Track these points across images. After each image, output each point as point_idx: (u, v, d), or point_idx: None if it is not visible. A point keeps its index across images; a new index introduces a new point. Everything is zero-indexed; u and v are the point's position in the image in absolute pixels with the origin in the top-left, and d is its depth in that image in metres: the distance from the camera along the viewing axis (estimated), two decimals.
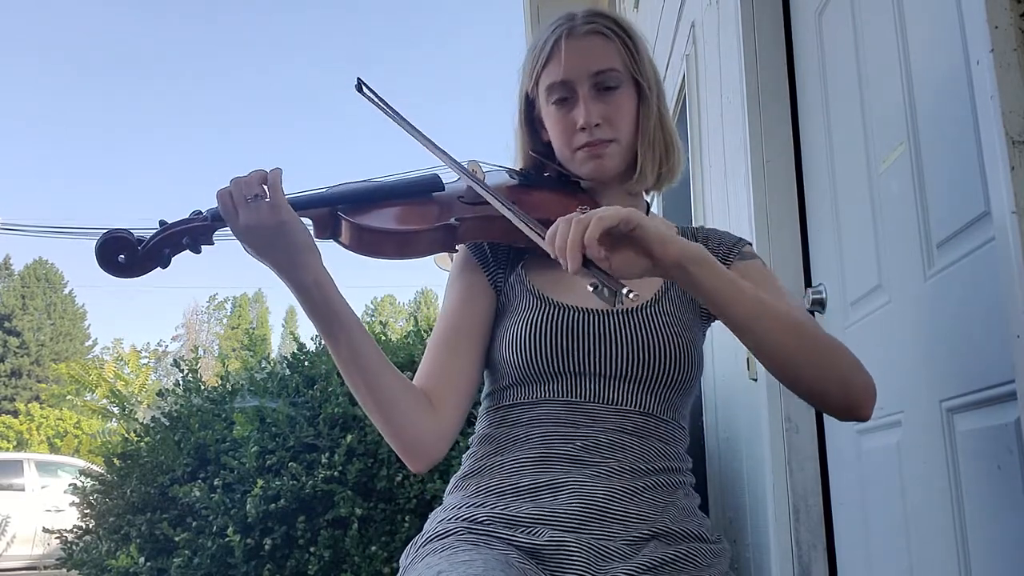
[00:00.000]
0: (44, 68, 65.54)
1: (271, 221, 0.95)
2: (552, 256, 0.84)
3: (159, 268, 0.97)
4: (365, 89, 1.14)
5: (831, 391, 0.98)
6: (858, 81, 1.50)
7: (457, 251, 1.17)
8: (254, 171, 0.98)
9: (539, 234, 0.93)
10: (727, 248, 1.16)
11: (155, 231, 0.97)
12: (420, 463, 1.07)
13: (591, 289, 0.81)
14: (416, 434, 1.06)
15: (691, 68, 2.72)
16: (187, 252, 0.98)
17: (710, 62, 2.41)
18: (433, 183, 1.13)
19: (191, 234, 0.97)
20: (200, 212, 0.99)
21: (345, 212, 1.04)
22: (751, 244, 1.20)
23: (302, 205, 1.03)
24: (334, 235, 1.06)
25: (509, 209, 1.00)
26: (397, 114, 1.14)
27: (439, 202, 1.11)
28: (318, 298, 1.00)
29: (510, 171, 1.21)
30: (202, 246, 0.99)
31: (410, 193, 1.11)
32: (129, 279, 0.96)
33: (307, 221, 1.04)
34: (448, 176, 1.13)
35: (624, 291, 0.78)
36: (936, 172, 1.20)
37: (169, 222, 0.98)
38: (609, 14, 1.16)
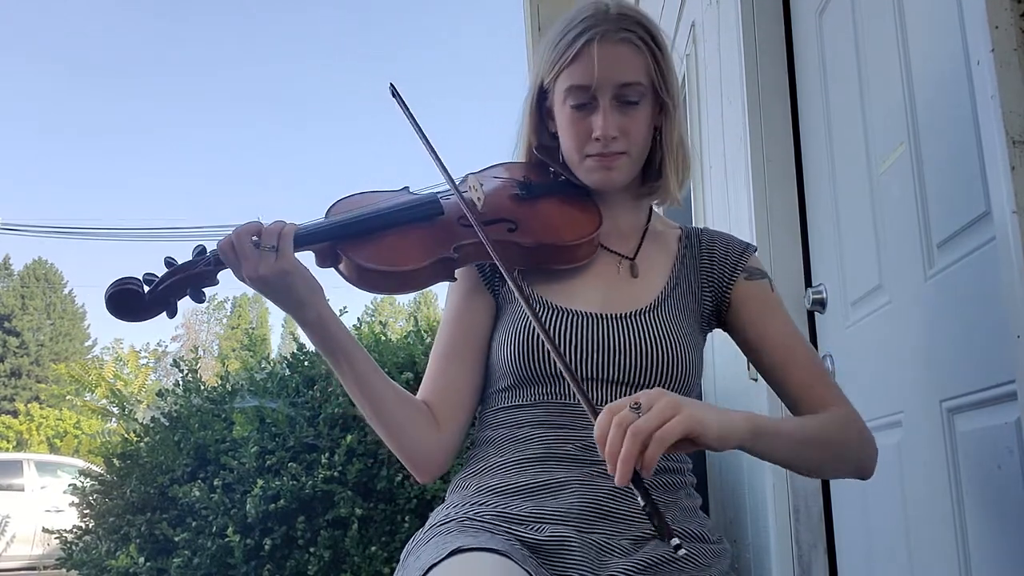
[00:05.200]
0: (44, 68, 65.57)
1: (275, 270, 0.98)
2: (600, 454, 0.82)
3: (165, 315, 1.00)
4: (397, 95, 1.15)
5: (849, 474, 1.11)
6: (858, 81, 1.50)
7: (456, 279, 1.14)
8: (274, 222, 1.01)
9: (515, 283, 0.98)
10: (734, 258, 1.16)
11: (161, 276, 0.99)
12: (426, 476, 1.11)
13: (641, 503, 0.80)
14: (423, 450, 1.09)
15: (691, 68, 2.71)
16: (188, 299, 1.01)
17: (710, 62, 2.41)
18: (433, 207, 1.10)
19: (194, 282, 1.00)
20: (204, 251, 1.01)
21: (344, 249, 1.05)
22: (756, 249, 1.19)
23: (303, 240, 1.03)
24: (335, 264, 1.07)
25: (496, 257, 1.02)
26: (419, 128, 1.13)
27: (439, 228, 1.09)
28: (321, 332, 1.04)
29: (510, 180, 1.18)
30: (205, 289, 1.01)
31: (410, 220, 1.09)
32: (137, 323, 1.02)
33: (309, 254, 1.06)
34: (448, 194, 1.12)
35: (673, 544, 0.77)
36: (936, 172, 1.20)
37: (177, 262, 1.00)
38: (641, 19, 1.11)
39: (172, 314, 1.00)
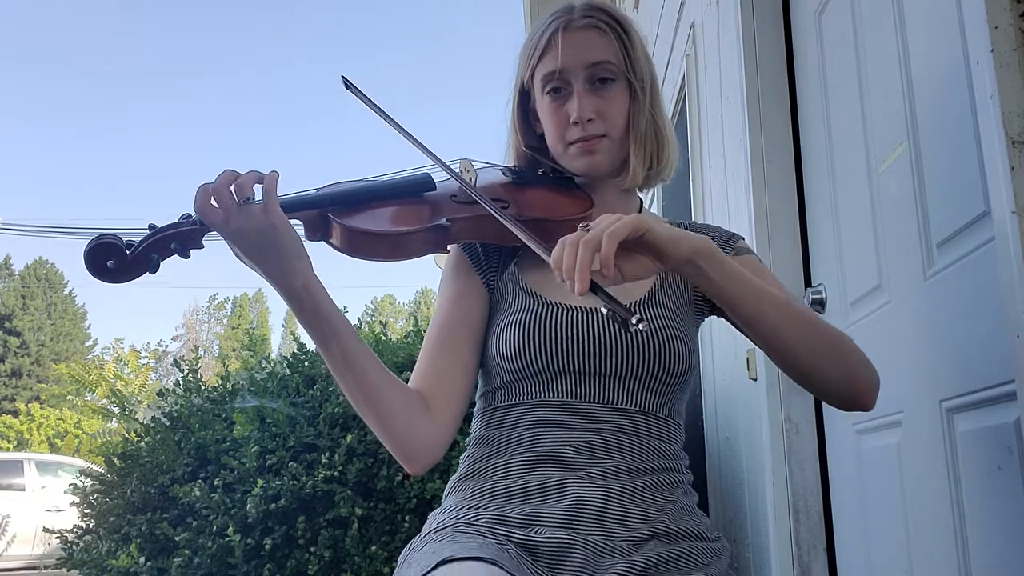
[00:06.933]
0: (44, 69, 65.60)
1: (261, 225, 0.93)
2: (559, 279, 0.82)
3: (148, 273, 0.95)
4: (351, 88, 1.13)
5: (837, 382, 1.00)
6: (858, 81, 1.50)
7: (450, 251, 1.16)
8: (249, 172, 0.95)
9: (533, 239, 0.92)
10: (721, 244, 1.16)
11: (144, 236, 0.95)
12: (417, 467, 1.07)
13: (604, 312, 0.78)
14: (414, 439, 1.05)
15: (691, 68, 2.71)
16: (176, 257, 0.97)
17: (710, 62, 2.41)
18: (424, 182, 1.11)
19: (179, 239, 0.96)
20: (190, 216, 0.97)
21: (335, 214, 1.03)
22: (744, 239, 1.20)
23: (292, 207, 1.01)
24: (325, 237, 1.04)
25: (497, 213, 1.00)
26: (385, 114, 1.12)
27: (431, 202, 1.10)
28: (308, 303, 0.98)
29: (503, 168, 1.20)
30: (191, 250, 0.97)
31: (401, 193, 1.10)
32: (117, 284, 0.96)
33: (297, 223, 1.02)
34: (440, 175, 1.12)
35: (634, 320, 0.76)
36: (936, 172, 1.20)
37: (159, 226, 0.97)
38: (606, 8, 1.16)
39: (154, 270, 0.95)
